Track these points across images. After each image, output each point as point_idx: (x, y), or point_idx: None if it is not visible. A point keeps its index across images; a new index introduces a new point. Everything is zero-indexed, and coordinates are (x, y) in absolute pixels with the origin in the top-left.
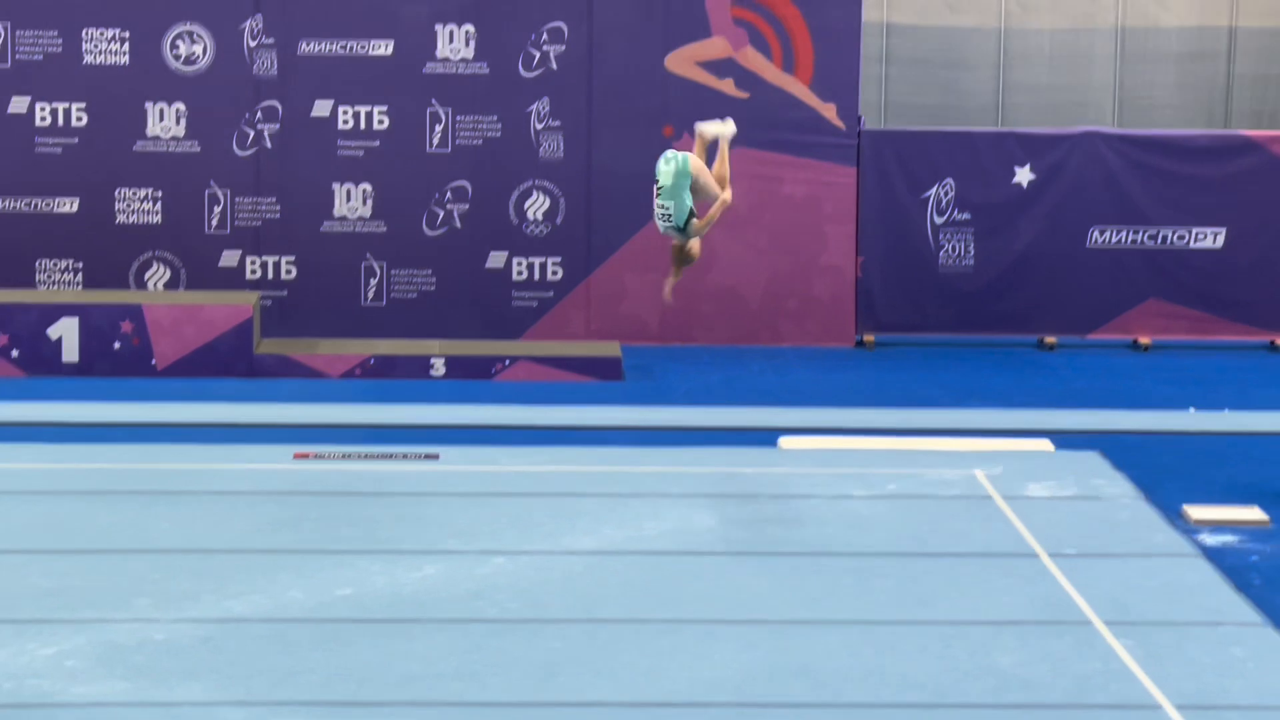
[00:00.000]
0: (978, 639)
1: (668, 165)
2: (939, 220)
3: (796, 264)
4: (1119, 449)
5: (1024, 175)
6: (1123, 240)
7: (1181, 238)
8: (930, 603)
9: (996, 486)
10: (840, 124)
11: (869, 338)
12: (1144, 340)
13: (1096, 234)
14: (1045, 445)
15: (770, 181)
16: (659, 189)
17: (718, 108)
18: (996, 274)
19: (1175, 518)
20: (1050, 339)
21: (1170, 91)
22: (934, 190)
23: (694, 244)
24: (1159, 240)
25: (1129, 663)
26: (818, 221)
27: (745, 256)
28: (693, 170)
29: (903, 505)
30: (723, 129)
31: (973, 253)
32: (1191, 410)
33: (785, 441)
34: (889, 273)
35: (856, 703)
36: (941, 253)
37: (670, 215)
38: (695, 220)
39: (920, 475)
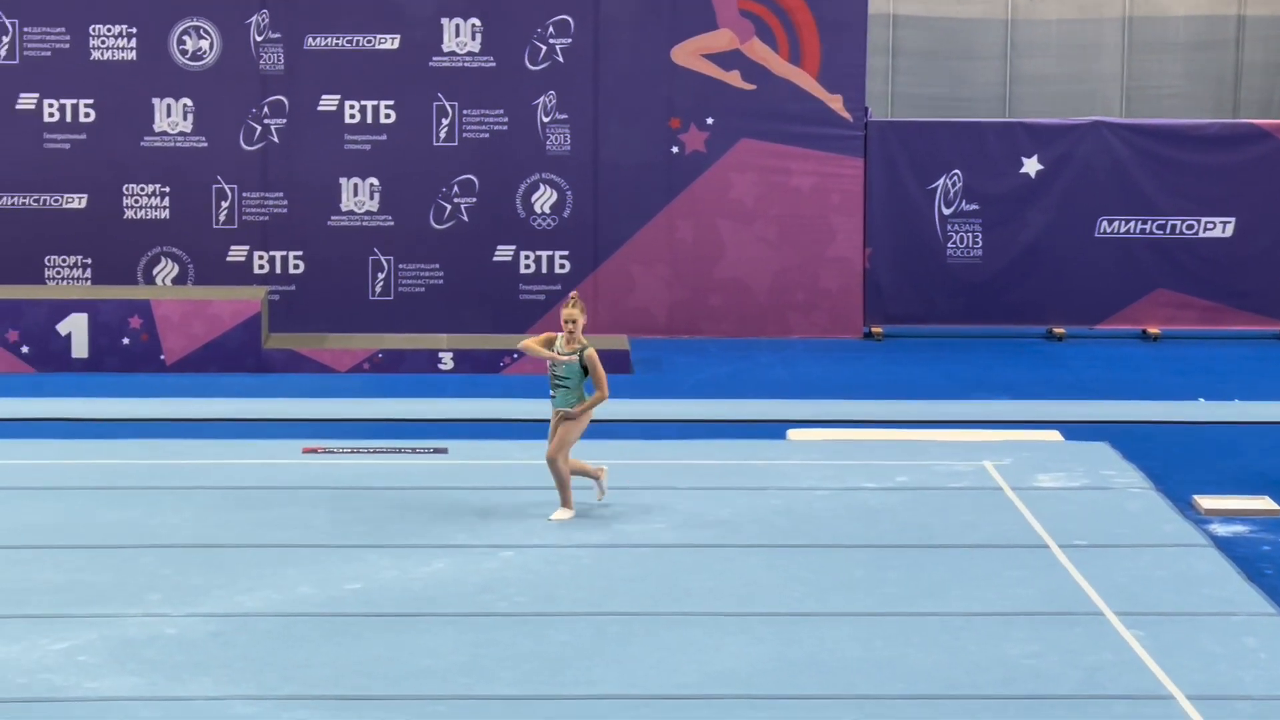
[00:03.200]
0: (988, 630)
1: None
2: (947, 211)
3: (804, 256)
4: (1129, 439)
5: (1032, 166)
6: (1131, 230)
7: (1190, 227)
8: (940, 594)
9: (1006, 478)
10: (847, 115)
11: (877, 329)
12: (1153, 330)
13: (1105, 224)
14: (1055, 436)
15: (777, 174)
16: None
17: (724, 100)
18: (1005, 264)
19: (1186, 508)
20: (1059, 329)
21: (1178, 80)
22: (942, 181)
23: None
24: (1168, 230)
25: (1140, 653)
26: (825, 213)
27: (753, 249)
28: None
29: (912, 497)
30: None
31: (981, 243)
32: (1201, 400)
33: (794, 434)
34: (897, 264)
35: (866, 694)
36: (949, 244)
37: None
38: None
39: (929, 467)
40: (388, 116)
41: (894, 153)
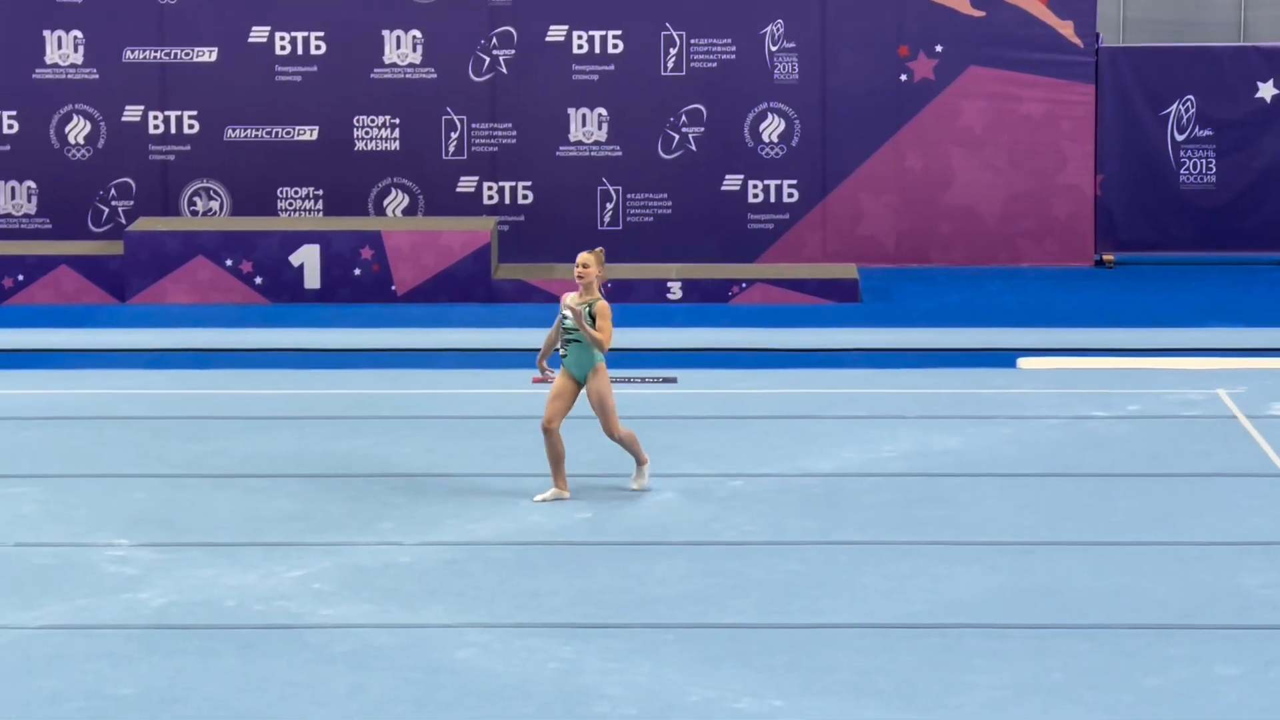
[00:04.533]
0: (1223, 560)
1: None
2: (1179, 137)
3: (1034, 183)
4: None
5: (1267, 91)
6: None
7: None
8: (1173, 523)
9: (1240, 406)
10: (1078, 41)
11: (1108, 257)
12: None
13: None
14: None
15: (1007, 100)
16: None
17: (953, 27)
18: (1239, 191)
19: None
20: None
21: None
22: (1174, 107)
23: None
24: None
25: None
26: (1056, 140)
27: (983, 176)
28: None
29: (1144, 425)
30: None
31: (1214, 170)
32: None
33: (1024, 362)
34: (1128, 191)
35: (1099, 624)
36: (1182, 170)
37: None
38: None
39: (1161, 395)
40: (615, 46)
41: (1125, 79)
